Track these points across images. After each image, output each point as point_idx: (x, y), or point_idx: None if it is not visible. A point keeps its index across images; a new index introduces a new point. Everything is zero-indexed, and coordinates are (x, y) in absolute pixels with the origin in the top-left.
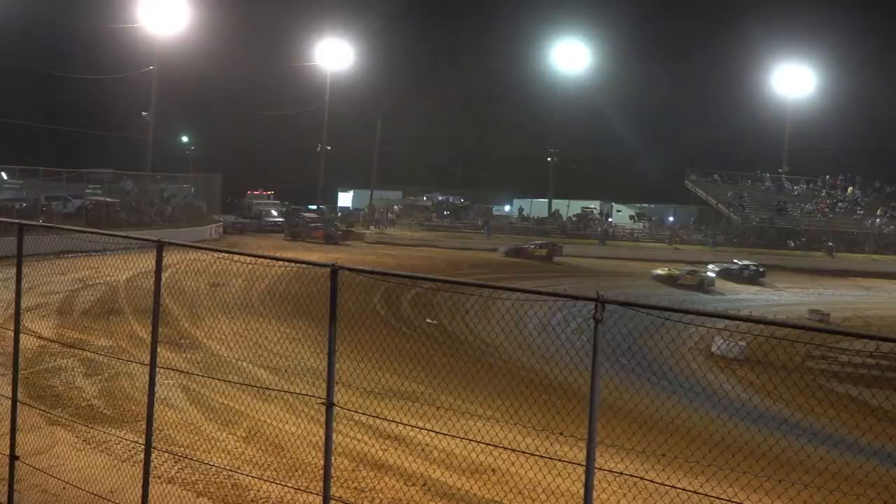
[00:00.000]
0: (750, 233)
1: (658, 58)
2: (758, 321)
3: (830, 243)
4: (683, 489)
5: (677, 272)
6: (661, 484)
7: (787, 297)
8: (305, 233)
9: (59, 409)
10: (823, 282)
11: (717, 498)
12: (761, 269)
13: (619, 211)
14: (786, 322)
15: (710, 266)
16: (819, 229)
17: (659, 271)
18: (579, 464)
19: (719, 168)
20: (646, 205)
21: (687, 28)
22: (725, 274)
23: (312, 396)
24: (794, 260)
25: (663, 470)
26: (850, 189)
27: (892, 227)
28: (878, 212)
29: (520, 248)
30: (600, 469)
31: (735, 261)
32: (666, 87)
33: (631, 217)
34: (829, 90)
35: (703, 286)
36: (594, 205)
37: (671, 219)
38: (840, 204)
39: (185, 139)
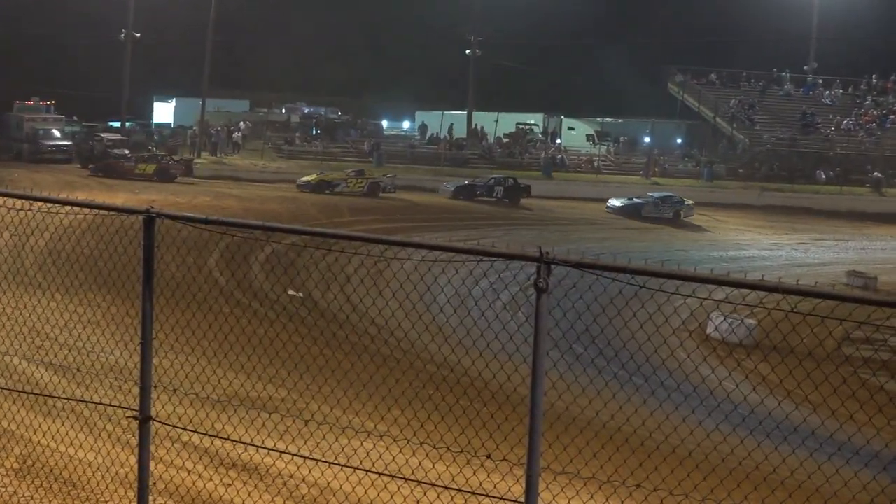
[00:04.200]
0: (762, 159)
1: None
2: (774, 289)
3: (878, 174)
4: None
5: (334, 176)
6: None
7: (816, 253)
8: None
9: None
10: (868, 230)
11: None
12: (523, 185)
13: (571, 129)
14: (814, 290)
15: (447, 185)
16: (862, 154)
17: (307, 178)
18: (515, 501)
19: (717, 66)
20: (611, 119)
21: None
22: (465, 191)
23: (119, 406)
24: (825, 199)
25: None
26: None
27: None
28: None
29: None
30: None
31: (493, 177)
32: None
33: (589, 137)
34: None
35: (377, 192)
36: (535, 119)
37: (647, 140)
38: (892, 117)
39: None
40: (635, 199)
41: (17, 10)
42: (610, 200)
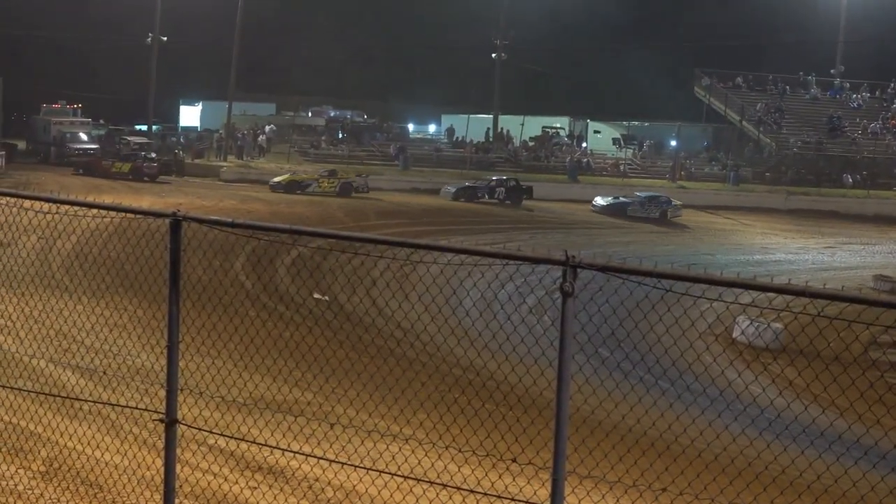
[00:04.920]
0: (789, 163)
1: None
2: (800, 293)
3: None
4: None
5: (305, 176)
6: None
7: (842, 257)
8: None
9: None
10: (895, 234)
11: None
12: (525, 186)
13: (597, 132)
14: (841, 294)
15: (448, 188)
16: (889, 157)
17: (279, 178)
18: None
19: (743, 69)
20: (637, 123)
21: None
22: (466, 193)
23: (145, 409)
24: (852, 202)
25: None
26: None
27: None
28: None
29: None
30: None
31: (494, 178)
32: None
33: (615, 141)
34: None
35: (349, 193)
36: (560, 123)
37: (673, 143)
38: None
39: None
40: (621, 199)
41: (43, 13)
42: (595, 199)
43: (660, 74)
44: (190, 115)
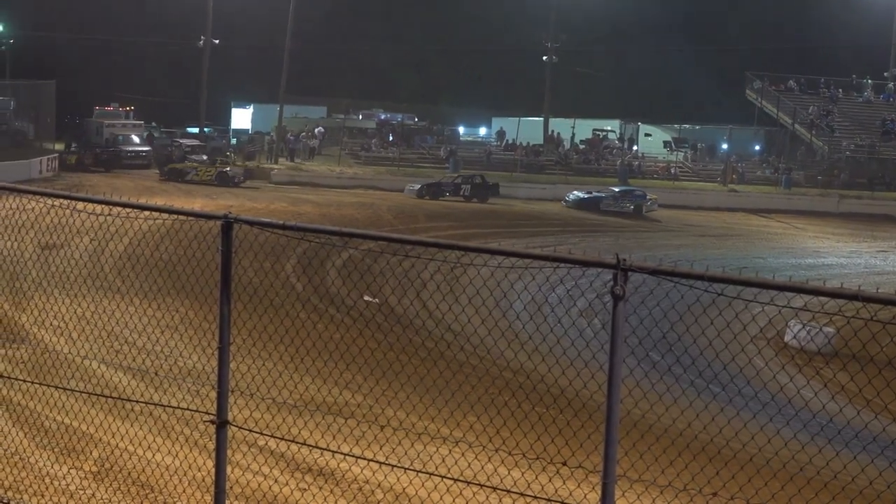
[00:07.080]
0: (842, 166)
1: None
2: (853, 297)
3: None
4: None
5: (184, 165)
6: None
7: (895, 261)
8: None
9: None
10: None
11: None
12: (491, 183)
13: (648, 135)
14: (893, 298)
15: (412, 185)
16: None
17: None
18: None
19: (794, 72)
20: (688, 126)
21: None
22: (431, 190)
23: (196, 411)
24: None
25: None
26: None
27: None
28: None
29: None
30: None
31: (460, 175)
32: None
33: (666, 144)
34: None
35: (226, 182)
36: (611, 126)
37: (725, 146)
38: None
39: None
40: (594, 193)
41: (96, 16)
42: (573, 193)
43: (711, 77)
44: (241, 118)
